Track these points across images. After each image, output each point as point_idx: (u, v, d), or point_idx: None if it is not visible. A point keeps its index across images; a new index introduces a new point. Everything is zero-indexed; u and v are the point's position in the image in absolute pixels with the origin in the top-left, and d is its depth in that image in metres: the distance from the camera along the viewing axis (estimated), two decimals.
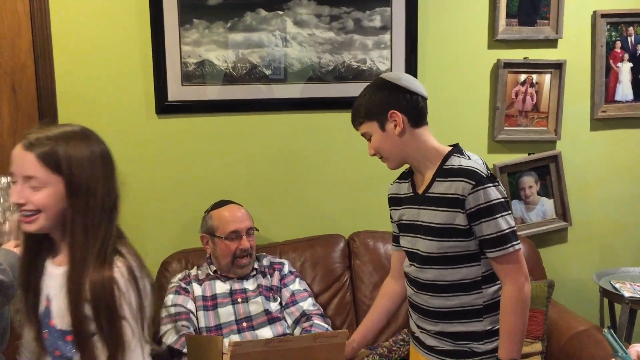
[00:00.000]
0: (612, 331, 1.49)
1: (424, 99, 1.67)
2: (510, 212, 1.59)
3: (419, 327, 1.74)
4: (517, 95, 2.75)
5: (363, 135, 1.71)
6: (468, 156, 1.63)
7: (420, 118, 1.65)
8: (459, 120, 2.73)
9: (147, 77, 2.53)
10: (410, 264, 1.72)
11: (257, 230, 2.32)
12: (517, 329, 1.58)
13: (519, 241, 1.58)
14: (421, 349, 1.74)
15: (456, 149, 1.65)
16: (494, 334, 1.63)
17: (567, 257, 2.86)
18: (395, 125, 1.62)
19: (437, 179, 1.62)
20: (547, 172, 2.81)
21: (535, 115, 2.78)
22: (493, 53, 2.71)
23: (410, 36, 2.64)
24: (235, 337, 2.10)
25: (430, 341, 1.70)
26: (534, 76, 2.74)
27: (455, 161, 1.60)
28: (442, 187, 1.60)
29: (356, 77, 2.65)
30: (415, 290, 1.71)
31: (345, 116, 2.65)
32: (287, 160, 2.67)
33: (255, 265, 2.31)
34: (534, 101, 2.76)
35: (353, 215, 2.70)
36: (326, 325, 2.22)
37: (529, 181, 2.80)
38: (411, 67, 2.65)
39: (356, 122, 1.71)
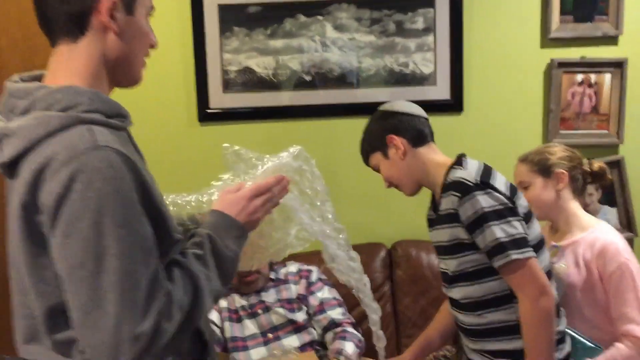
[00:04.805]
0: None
1: (423, 118, 1.66)
2: (509, 219, 1.47)
3: (464, 342, 1.72)
4: (573, 96, 2.58)
5: (374, 169, 1.73)
6: (465, 166, 1.56)
7: (421, 137, 1.64)
8: (510, 124, 2.60)
9: (189, 85, 2.56)
10: (442, 284, 1.71)
11: None
12: (539, 347, 1.47)
13: (523, 250, 1.46)
14: None
15: (457, 161, 1.59)
16: None
17: None
18: (397, 150, 1.63)
19: (441, 196, 1.57)
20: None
21: (595, 118, 2.59)
22: (546, 52, 2.56)
23: (455, 37, 2.53)
24: (262, 349, 2.07)
25: (472, 355, 1.67)
26: (592, 76, 2.56)
27: (451, 174, 1.56)
28: (444, 204, 1.56)
29: (398, 81, 2.57)
30: (452, 308, 1.69)
31: None
32: (328, 166, 2.62)
33: (272, 276, 2.26)
34: (593, 103, 2.58)
35: (395, 224, 2.61)
36: (359, 335, 2.14)
37: (589, 188, 2.60)
38: (456, 70, 2.55)
39: (364, 158, 1.74)
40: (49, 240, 0.96)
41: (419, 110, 1.69)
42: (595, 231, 1.80)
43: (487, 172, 1.54)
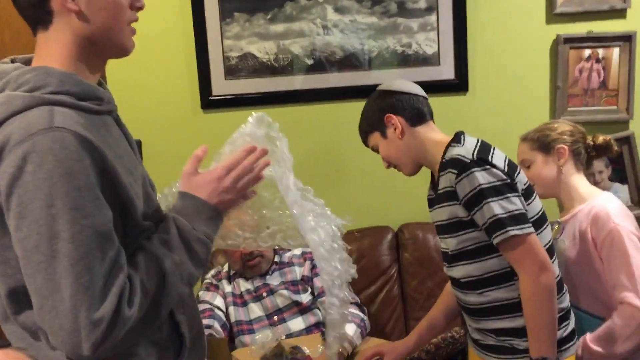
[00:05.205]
0: None
1: (422, 97, 1.64)
2: (507, 195, 1.45)
3: (467, 322, 1.70)
4: (581, 72, 2.53)
5: (373, 149, 1.72)
6: (462, 143, 1.53)
7: (419, 116, 1.62)
8: (517, 103, 2.56)
9: (191, 73, 2.55)
10: (443, 264, 1.70)
11: None
12: (540, 324, 1.45)
13: (522, 226, 1.44)
14: (470, 342, 1.71)
15: (455, 139, 1.57)
16: None
17: None
18: (395, 129, 1.61)
19: (440, 174, 1.55)
20: (620, 155, 2.55)
21: (604, 94, 2.54)
22: (552, 28, 2.51)
23: (458, 16, 2.49)
24: (267, 332, 2.07)
25: (475, 335, 1.66)
26: (600, 51, 2.51)
27: (449, 152, 1.53)
28: (442, 182, 1.54)
29: (402, 63, 2.54)
30: (453, 288, 1.68)
31: None
32: (334, 150, 2.61)
33: (276, 260, 2.26)
34: (601, 78, 2.53)
35: (402, 207, 2.59)
36: (362, 314, 2.14)
37: (599, 166, 2.56)
38: (460, 49, 2.51)
39: (363, 138, 1.74)
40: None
41: (417, 89, 1.67)
42: (594, 201, 1.77)
43: (485, 148, 1.52)
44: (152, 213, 1.10)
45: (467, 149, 1.49)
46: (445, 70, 2.54)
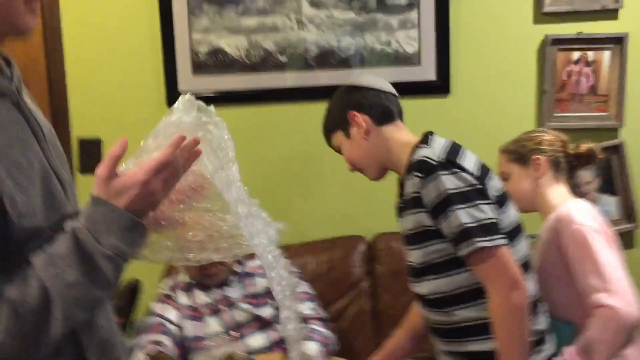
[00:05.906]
0: None
1: (391, 95, 1.51)
2: (476, 202, 1.31)
3: (435, 344, 1.54)
4: (569, 76, 2.39)
5: (337, 150, 1.59)
6: (430, 144, 1.40)
7: (386, 115, 1.49)
8: (501, 107, 2.42)
9: (156, 68, 2.42)
10: (409, 279, 1.54)
11: None
12: (509, 348, 1.30)
13: (491, 237, 1.29)
14: None
15: (422, 139, 1.44)
16: None
17: (635, 264, 2.44)
18: (359, 128, 1.49)
19: (405, 178, 1.41)
20: (609, 165, 2.41)
21: (593, 99, 2.40)
22: (539, 28, 2.37)
23: (441, 13, 2.36)
24: (224, 348, 1.91)
25: (443, 358, 1.51)
26: (590, 53, 2.37)
27: (415, 154, 1.40)
28: (407, 187, 1.40)
29: (381, 62, 2.39)
30: (420, 306, 1.53)
31: None
32: (306, 154, 2.46)
33: (237, 269, 2.09)
34: (591, 82, 2.39)
35: (378, 215, 2.44)
36: (326, 331, 1.98)
37: (586, 176, 2.42)
38: (442, 48, 2.38)
39: (326, 138, 1.61)
40: None
41: (386, 86, 1.54)
42: (559, 208, 1.64)
43: (454, 150, 1.39)
44: (54, 214, 0.92)
45: (434, 151, 1.36)
46: (426, 71, 2.40)
